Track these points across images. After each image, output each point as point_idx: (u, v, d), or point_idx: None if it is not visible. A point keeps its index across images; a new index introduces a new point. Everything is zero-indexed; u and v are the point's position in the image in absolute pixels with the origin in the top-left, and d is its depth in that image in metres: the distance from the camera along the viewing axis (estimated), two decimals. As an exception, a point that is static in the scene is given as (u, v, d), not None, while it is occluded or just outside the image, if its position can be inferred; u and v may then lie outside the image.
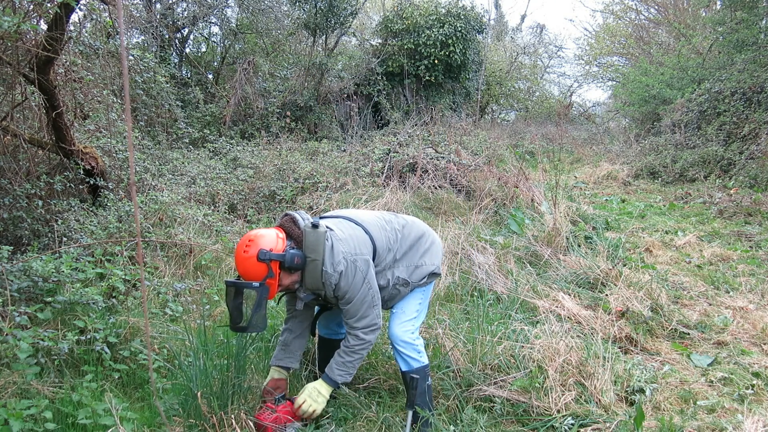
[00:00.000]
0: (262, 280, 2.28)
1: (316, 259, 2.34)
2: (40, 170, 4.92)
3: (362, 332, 2.45)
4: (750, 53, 10.75)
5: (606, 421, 2.64)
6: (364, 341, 2.46)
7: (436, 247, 2.73)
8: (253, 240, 2.30)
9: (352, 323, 2.45)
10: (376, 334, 2.48)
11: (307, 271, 2.36)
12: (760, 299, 4.33)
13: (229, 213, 6.25)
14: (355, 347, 2.47)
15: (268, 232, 2.35)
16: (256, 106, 10.86)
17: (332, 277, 2.35)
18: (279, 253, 2.29)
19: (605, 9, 22.31)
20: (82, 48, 5.83)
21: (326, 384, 2.49)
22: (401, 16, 13.16)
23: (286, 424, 2.46)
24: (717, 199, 7.81)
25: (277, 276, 2.31)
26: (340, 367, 2.49)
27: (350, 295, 2.39)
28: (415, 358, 2.60)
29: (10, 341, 2.67)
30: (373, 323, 2.45)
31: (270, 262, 2.28)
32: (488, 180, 7.55)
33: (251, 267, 2.28)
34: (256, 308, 2.32)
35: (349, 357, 2.48)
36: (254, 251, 2.27)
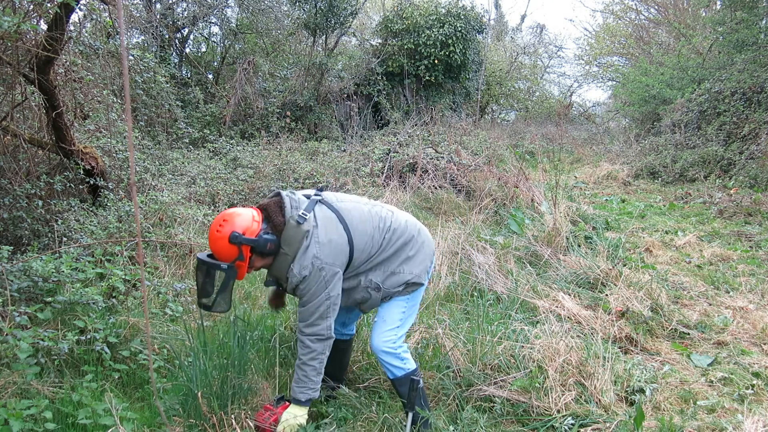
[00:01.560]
0: (231, 262, 2.25)
1: (288, 254, 2.29)
2: (40, 170, 4.92)
3: (309, 339, 2.38)
4: (750, 53, 10.75)
5: (606, 421, 2.64)
6: (311, 349, 2.38)
7: (421, 255, 2.56)
8: (227, 220, 2.25)
9: (301, 327, 2.39)
10: (323, 344, 2.40)
11: (277, 260, 2.32)
12: (760, 299, 4.33)
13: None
14: (303, 357, 2.40)
15: (244, 213, 2.28)
16: (256, 106, 10.86)
17: (295, 278, 2.31)
18: (251, 238, 2.24)
19: (605, 9, 22.33)
20: (82, 48, 5.83)
21: (295, 405, 2.43)
22: (401, 16, 13.16)
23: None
24: (717, 199, 7.81)
25: (247, 259, 2.26)
26: (297, 384, 2.43)
27: (306, 299, 2.34)
28: (399, 366, 2.55)
29: (10, 341, 2.66)
30: (321, 333, 2.38)
31: (241, 246, 2.23)
32: (488, 180, 7.55)
33: (222, 248, 2.24)
34: (221, 289, 2.29)
35: (301, 371, 2.41)
36: (226, 232, 2.22)
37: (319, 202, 2.42)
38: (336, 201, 2.47)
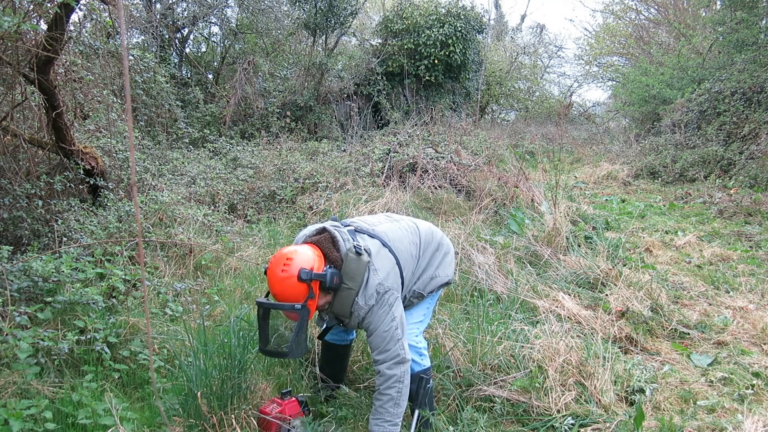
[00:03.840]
0: (304, 302, 2.13)
1: (352, 288, 2.22)
2: (40, 170, 4.92)
3: (384, 367, 2.29)
4: (750, 53, 10.75)
5: (606, 421, 2.64)
6: (387, 376, 2.28)
7: (449, 257, 2.65)
8: (292, 258, 2.15)
9: (374, 356, 2.33)
10: (401, 368, 2.29)
11: (339, 296, 2.24)
12: (760, 299, 4.33)
13: (229, 213, 6.25)
14: (381, 387, 2.30)
15: (305, 250, 2.20)
16: (256, 106, 10.86)
17: (362, 310, 2.26)
18: (320, 273, 2.15)
19: (605, 9, 22.33)
20: (82, 48, 5.83)
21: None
22: (401, 16, 13.15)
23: (291, 420, 2.45)
24: (717, 199, 7.81)
25: (317, 297, 2.17)
26: (373, 416, 2.31)
27: (373, 327, 2.29)
28: (416, 362, 2.56)
29: (10, 341, 2.66)
30: (396, 355, 2.29)
31: (311, 282, 2.13)
32: (488, 180, 7.54)
33: (291, 287, 2.12)
34: (297, 331, 2.17)
35: (378, 401, 2.30)
36: (294, 271, 2.12)
37: (356, 231, 2.39)
38: (370, 226, 2.47)
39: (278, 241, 5.49)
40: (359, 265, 2.22)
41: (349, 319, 2.32)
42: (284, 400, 2.49)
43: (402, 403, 2.31)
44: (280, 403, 2.48)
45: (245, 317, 3.49)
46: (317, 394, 2.93)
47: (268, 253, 5.15)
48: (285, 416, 2.45)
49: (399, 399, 2.29)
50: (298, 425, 2.48)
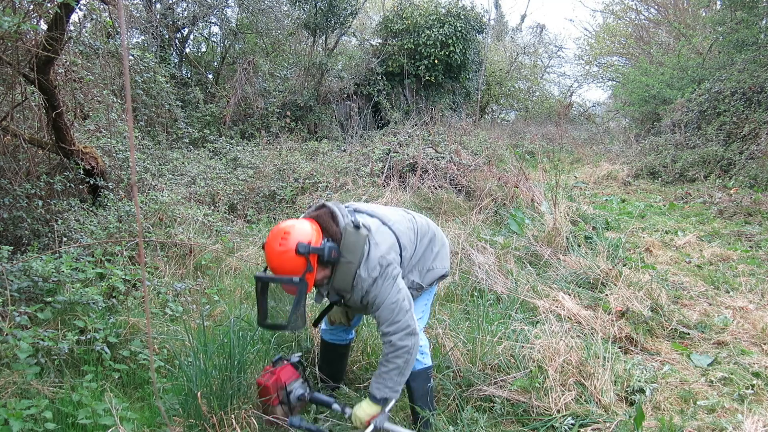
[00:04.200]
0: (302, 275, 2.14)
1: (352, 261, 2.22)
2: (40, 170, 4.92)
3: (396, 338, 2.27)
4: (750, 53, 10.76)
5: (606, 421, 2.64)
6: (397, 347, 2.28)
7: (445, 249, 2.66)
8: (289, 232, 2.15)
9: (383, 329, 2.30)
10: (412, 339, 2.29)
11: (339, 271, 2.24)
12: (760, 299, 4.33)
13: (229, 213, 6.25)
14: (389, 356, 2.30)
15: (303, 224, 2.20)
16: (256, 106, 10.87)
17: (365, 282, 2.24)
18: (318, 247, 2.15)
19: (605, 9, 22.33)
20: (82, 48, 5.83)
21: (368, 401, 2.34)
22: (401, 16, 13.16)
23: (287, 384, 2.43)
24: (717, 199, 7.81)
25: (315, 270, 2.17)
26: (376, 379, 2.33)
27: (379, 300, 2.26)
28: (417, 359, 2.55)
29: (10, 341, 2.66)
30: (407, 326, 2.28)
31: (309, 256, 2.13)
32: (488, 180, 7.55)
33: (288, 261, 2.12)
34: (296, 305, 2.19)
35: (384, 368, 2.30)
36: (292, 244, 2.12)
37: (354, 211, 2.41)
38: (369, 208, 2.50)
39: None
40: (358, 238, 2.23)
41: (350, 294, 2.29)
42: (277, 367, 2.45)
43: (406, 372, 2.32)
44: (273, 371, 2.43)
45: (245, 317, 3.50)
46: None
47: (268, 253, 5.14)
48: (282, 383, 2.42)
49: (404, 369, 2.29)
50: (297, 387, 2.46)
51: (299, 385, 2.47)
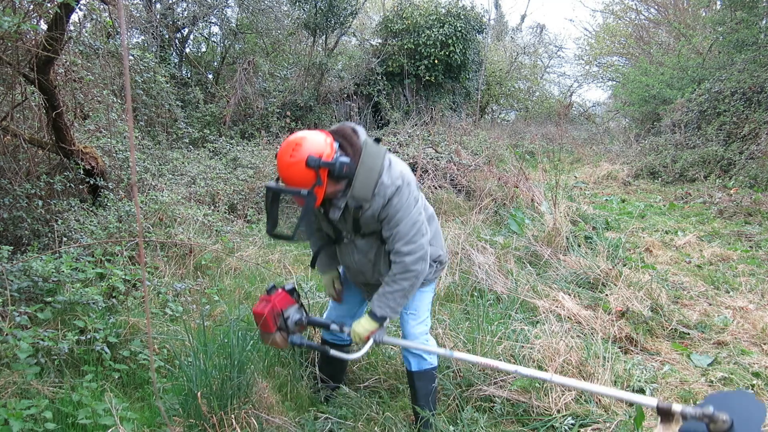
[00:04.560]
0: (310, 188, 2.10)
1: (373, 168, 2.17)
2: (40, 170, 4.92)
3: (409, 259, 2.22)
4: (750, 53, 10.76)
5: (606, 421, 2.64)
6: (408, 269, 2.23)
7: (440, 235, 2.63)
8: (300, 144, 2.09)
9: (398, 247, 2.23)
10: (423, 264, 2.24)
11: (359, 178, 2.17)
12: (760, 299, 4.33)
13: (229, 213, 6.25)
14: (397, 276, 2.25)
15: (316, 136, 2.14)
16: (256, 106, 10.86)
17: (388, 189, 2.17)
18: (329, 161, 2.09)
19: (605, 9, 22.35)
20: (82, 48, 5.83)
21: (368, 317, 2.35)
22: (401, 16, 13.16)
23: (283, 310, 2.44)
24: (717, 199, 7.81)
25: (324, 184, 2.12)
26: (378, 297, 2.31)
27: (401, 215, 2.20)
28: (426, 360, 2.56)
29: (10, 341, 2.66)
30: (423, 250, 2.23)
31: (319, 169, 2.08)
32: (488, 180, 7.55)
33: (298, 173, 2.08)
34: (302, 217, 2.15)
35: (388, 287, 2.28)
36: (302, 156, 2.07)
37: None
38: None
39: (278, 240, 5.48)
40: (379, 149, 2.21)
41: (370, 204, 2.21)
42: (271, 295, 2.44)
43: (409, 296, 2.30)
44: (268, 299, 2.42)
45: (245, 317, 3.50)
46: (317, 394, 2.92)
47: (268, 253, 5.15)
48: (278, 309, 2.42)
49: (409, 292, 2.28)
50: (294, 312, 2.48)
51: (295, 311, 2.47)
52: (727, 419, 1.87)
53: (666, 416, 1.95)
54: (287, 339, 2.45)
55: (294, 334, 2.48)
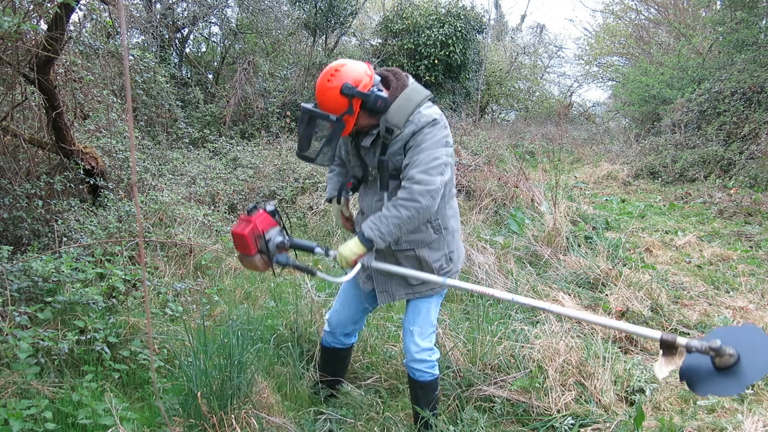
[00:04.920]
0: (340, 115, 2.13)
1: (414, 99, 2.20)
2: (40, 170, 4.92)
3: (417, 188, 2.14)
4: (750, 53, 10.76)
5: (606, 421, 2.64)
6: (412, 198, 2.15)
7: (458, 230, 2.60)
8: (339, 71, 2.13)
9: (412, 173, 2.16)
10: (428, 200, 2.15)
11: (397, 104, 2.19)
12: (760, 299, 4.33)
13: (229, 213, 6.25)
14: (399, 201, 2.17)
15: (357, 66, 2.17)
16: (256, 106, 10.86)
17: (423, 118, 2.18)
18: (364, 92, 2.12)
19: (605, 9, 22.35)
20: (82, 48, 5.83)
21: (356, 239, 2.26)
22: (401, 16, 13.16)
23: (264, 232, 2.36)
24: (717, 199, 7.81)
25: (356, 114, 2.16)
26: (372, 219, 2.22)
27: (426, 145, 2.16)
28: (430, 373, 2.51)
29: (10, 341, 2.66)
30: (434, 187, 2.15)
31: (353, 99, 2.12)
32: (488, 180, 7.54)
33: (331, 99, 2.13)
34: (327, 142, 2.20)
35: (386, 211, 2.19)
36: (338, 83, 2.11)
37: None
38: None
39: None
40: (424, 91, 2.25)
41: (401, 130, 2.21)
42: (252, 216, 2.35)
43: (402, 227, 2.21)
44: (249, 219, 2.34)
45: (245, 317, 3.50)
46: (317, 395, 2.91)
47: (268, 253, 5.14)
48: (259, 231, 2.34)
49: (404, 223, 2.19)
50: (275, 234, 2.39)
51: (277, 233, 2.39)
52: (733, 353, 1.77)
53: (669, 349, 1.84)
54: (268, 262, 2.36)
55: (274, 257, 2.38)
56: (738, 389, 1.79)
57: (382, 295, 2.48)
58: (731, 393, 1.92)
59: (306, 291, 3.71)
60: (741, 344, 1.80)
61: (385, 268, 2.32)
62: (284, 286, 4.27)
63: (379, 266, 2.32)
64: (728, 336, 1.84)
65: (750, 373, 1.76)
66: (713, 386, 1.81)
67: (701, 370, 1.83)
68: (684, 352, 1.85)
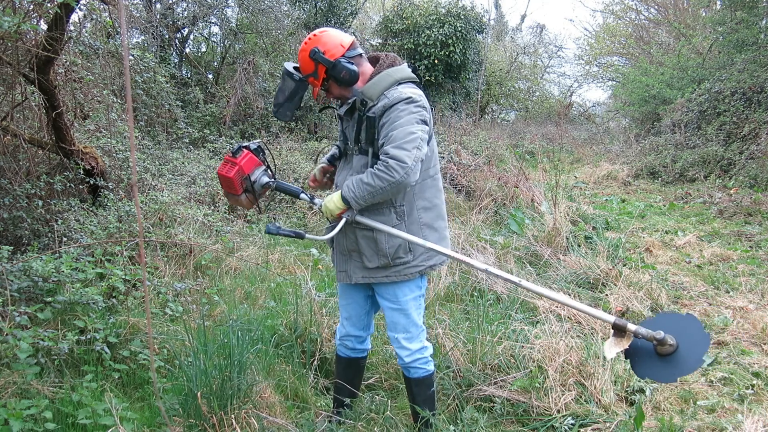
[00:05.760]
0: (304, 76, 2.34)
1: (394, 76, 2.28)
2: (40, 170, 4.92)
3: (392, 162, 2.13)
4: (750, 53, 10.75)
5: (606, 421, 2.64)
6: (386, 171, 2.14)
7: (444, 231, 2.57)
8: (316, 36, 2.31)
9: (387, 149, 2.17)
10: (401, 175, 2.13)
11: (376, 80, 2.28)
12: (760, 299, 4.33)
13: (229, 213, 6.25)
14: (375, 171, 2.18)
15: (336, 36, 2.32)
16: (256, 106, 10.85)
17: (398, 95, 2.22)
18: (328, 59, 2.27)
19: (605, 9, 22.35)
20: (82, 48, 5.82)
21: (339, 194, 2.28)
22: (401, 16, 13.16)
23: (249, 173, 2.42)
24: (717, 199, 7.81)
25: (320, 79, 2.32)
26: (352, 181, 2.26)
27: (401, 122, 2.19)
28: (422, 368, 2.50)
29: (10, 341, 2.66)
30: (409, 161, 2.13)
31: (318, 64, 2.28)
32: (488, 180, 7.55)
33: (302, 60, 2.32)
34: (289, 97, 2.38)
35: (363, 176, 2.22)
36: (310, 46, 2.29)
37: None
38: None
39: (278, 241, 5.49)
40: (411, 75, 2.34)
41: (375, 102, 2.25)
42: (237, 157, 2.39)
43: (375, 198, 2.22)
44: (234, 161, 2.38)
45: (245, 317, 3.50)
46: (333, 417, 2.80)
47: (268, 253, 5.15)
48: (244, 172, 2.40)
49: (376, 194, 2.20)
50: (260, 174, 2.46)
51: (262, 173, 2.48)
52: (674, 343, 2.00)
53: (620, 332, 2.09)
54: (253, 200, 2.47)
55: (260, 196, 2.49)
56: (671, 379, 2.03)
57: (341, 274, 2.49)
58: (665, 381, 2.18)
59: (306, 291, 3.71)
60: (682, 335, 2.03)
61: (369, 222, 2.31)
62: (284, 286, 4.27)
63: (363, 221, 2.32)
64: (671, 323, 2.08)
65: (683, 366, 1.99)
66: (651, 371, 2.05)
67: (644, 354, 2.07)
68: (632, 336, 2.07)
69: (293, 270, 4.69)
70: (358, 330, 2.65)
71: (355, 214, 2.31)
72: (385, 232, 2.32)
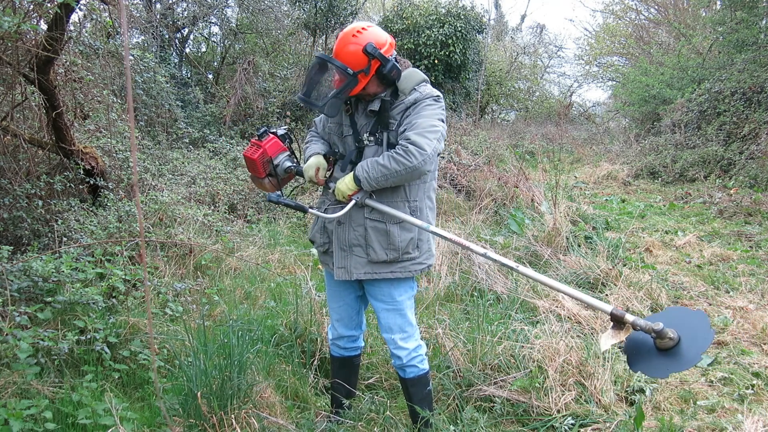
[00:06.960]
0: (356, 71, 2.21)
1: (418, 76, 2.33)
2: (40, 170, 4.92)
3: (412, 147, 2.17)
4: (750, 53, 10.75)
5: (606, 421, 2.64)
6: (406, 157, 2.16)
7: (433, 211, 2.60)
8: (367, 30, 2.23)
9: (408, 134, 2.20)
10: (420, 161, 2.16)
11: (405, 75, 2.31)
12: (760, 299, 4.33)
13: (229, 213, 6.25)
14: (394, 154, 2.19)
15: (382, 32, 2.28)
16: (256, 106, 10.86)
17: (425, 92, 2.29)
18: (385, 56, 2.23)
19: (605, 9, 22.34)
20: (82, 48, 5.83)
21: (351, 175, 2.29)
22: (401, 16, 13.15)
23: (273, 157, 2.45)
24: (717, 199, 7.81)
25: (369, 76, 2.24)
26: (369, 161, 2.26)
27: (426, 113, 2.24)
28: (417, 366, 2.50)
29: (10, 341, 2.66)
30: (429, 150, 2.17)
31: (372, 59, 2.20)
32: (488, 180, 7.55)
33: (352, 54, 2.20)
34: (336, 93, 2.24)
35: (380, 158, 2.23)
36: (364, 41, 2.20)
37: None
38: None
39: (278, 241, 5.49)
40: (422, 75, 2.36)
41: (405, 98, 2.30)
42: (263, 141, 2.43)
43: (390, 181, 2.24)
44: (259, 144, 2.42)
45: (245, 317, 3.50)
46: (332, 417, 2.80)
47: (268, 253, 5.15)
48: (268, 156, 2.43)
49: (391, 176, 2.21)
50: (284, 159, 2.48)
51: (285, 158, 2.50)
52: (674, 337, 1.91)
53: (618, 323, 2.01)
54: (276, 185, 2.50)
55: (283, 181, 2.50)
56: (663, 375, 1.96)
57: (340, 270, 2.43)
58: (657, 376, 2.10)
59: (306, 291, 3.71)
60: (686, 330, 1.94)
61: (379, 206, 2.31)
62: (284, 286, 4.27)
63: (373, 204, 2.32)
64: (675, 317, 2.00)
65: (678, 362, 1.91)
66: (644, 365, 1.97)
67: (642, 347, 1.99)
68: (630, 328, 1.98)
69: (293, 270, 4.69)
70: (350, 330, 2.65)
71: (365, 196, 2.32)
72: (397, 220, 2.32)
